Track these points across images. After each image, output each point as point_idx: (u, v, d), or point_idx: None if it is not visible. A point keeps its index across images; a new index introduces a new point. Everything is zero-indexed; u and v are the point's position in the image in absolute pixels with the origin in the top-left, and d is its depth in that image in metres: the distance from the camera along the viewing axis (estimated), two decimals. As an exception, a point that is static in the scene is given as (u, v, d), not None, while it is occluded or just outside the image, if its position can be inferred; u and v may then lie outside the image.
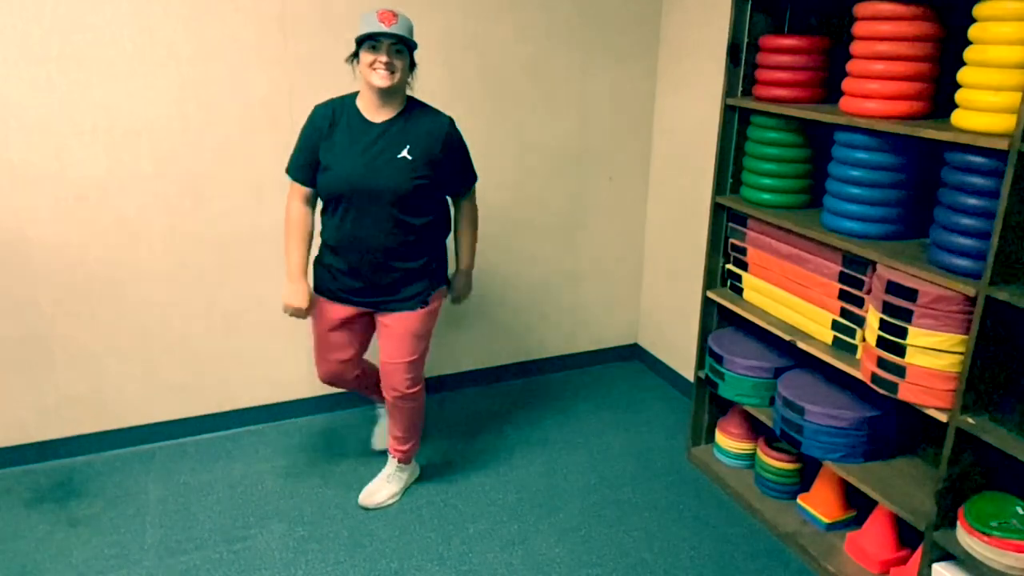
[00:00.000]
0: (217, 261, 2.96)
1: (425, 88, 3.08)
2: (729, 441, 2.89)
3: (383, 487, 2.73)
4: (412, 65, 2.33)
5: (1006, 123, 1.77)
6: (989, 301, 1.81)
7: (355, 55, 2.31)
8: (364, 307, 2.50)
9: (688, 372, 3.43)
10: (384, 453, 2.83)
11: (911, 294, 1.96)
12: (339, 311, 2.51)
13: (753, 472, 2.81)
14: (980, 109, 1.83)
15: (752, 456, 2.85)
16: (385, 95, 2.30)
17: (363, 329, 2.60)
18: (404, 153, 2.31)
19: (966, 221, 1.88)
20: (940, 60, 2.09)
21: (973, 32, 1.86)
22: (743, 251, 2.68)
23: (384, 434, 2.88)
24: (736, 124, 2.64)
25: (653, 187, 3.62)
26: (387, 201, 2.32)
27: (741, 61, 2.56)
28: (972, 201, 1.87)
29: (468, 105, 3.17)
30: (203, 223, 2.91)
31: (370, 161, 2.30)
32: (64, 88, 2.61)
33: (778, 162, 2.52)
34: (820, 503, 2.56)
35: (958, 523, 1.95)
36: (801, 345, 2.41)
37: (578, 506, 2.73)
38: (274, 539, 2.53)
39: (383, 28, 2.19)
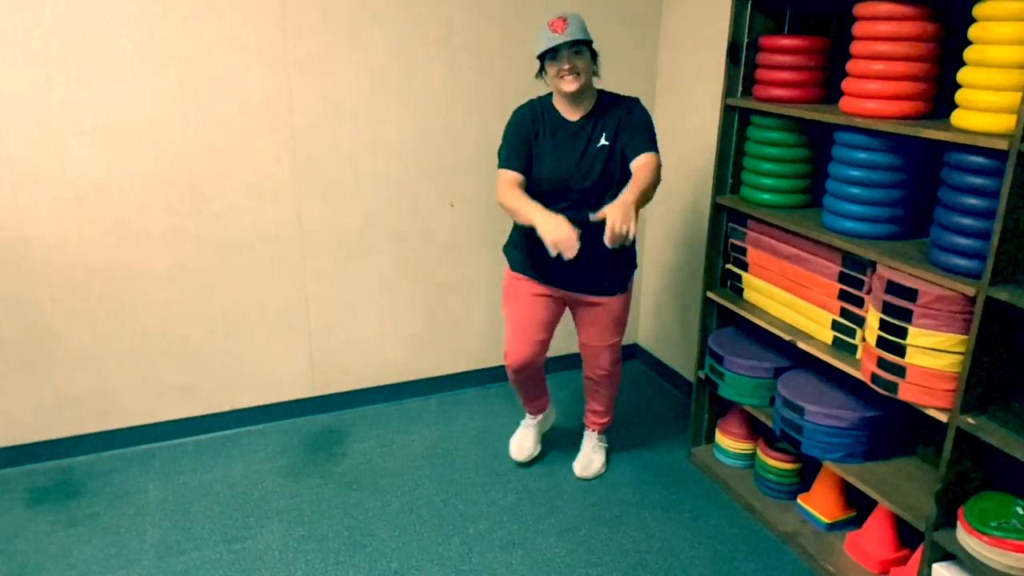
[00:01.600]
0: (217, 261, 2.96)
1: (425, 88, 3.09)
2: (729, 441, 2.89)
3: (595, 457, 2.92)
4: (594, 57, 2.43)
5: (1006, 123, 1.77)
6: (989, 301, 1.81)
7: (541, 69, 2.43)
8: (566, 291, 2.59)
9: (688, 372, 3.43)
10: (523, 465, 2.96)
11: (911, 294, 1.96)
12: (540, 288, 2.59)
13: (753, 472, 2.81)
14: (980, 109, 1.83)
15: (752, 456, 2.85)
16: (575, 97, 2.43)
17: (558, 309, 2.67)
18: (602, 141, 2.44)
19: (966, 221, 1.88)
20: (940, 60, 2.09)
21: (973, 32, 1.86)
22: (743, 251, 2.68)
23: (528, 443, 2.97)
24: (736, 124, 2.64)
25: (653, 187, 3.61)
26: (589, 191, 2.42)
27: (741, 61, 2.56)
28: (972, 201, 1.87)
29: (468, 105, 3.17)
30: (203, 223, 2.91)
31: (573, 156, 2.42)
32: (64, 88, 2.61)
33: (778, 162, 2.52)
34: (820, 503, 2.56)
35: (958, 523, 1.95)
36: (801, 345, 2.41)
37: (578, 506, 2.73)
38: (274, 539, 2.53)
39: (558, 39, 2.30)
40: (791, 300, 2.49)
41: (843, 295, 2.28)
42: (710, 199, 2.75)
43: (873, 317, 2.11)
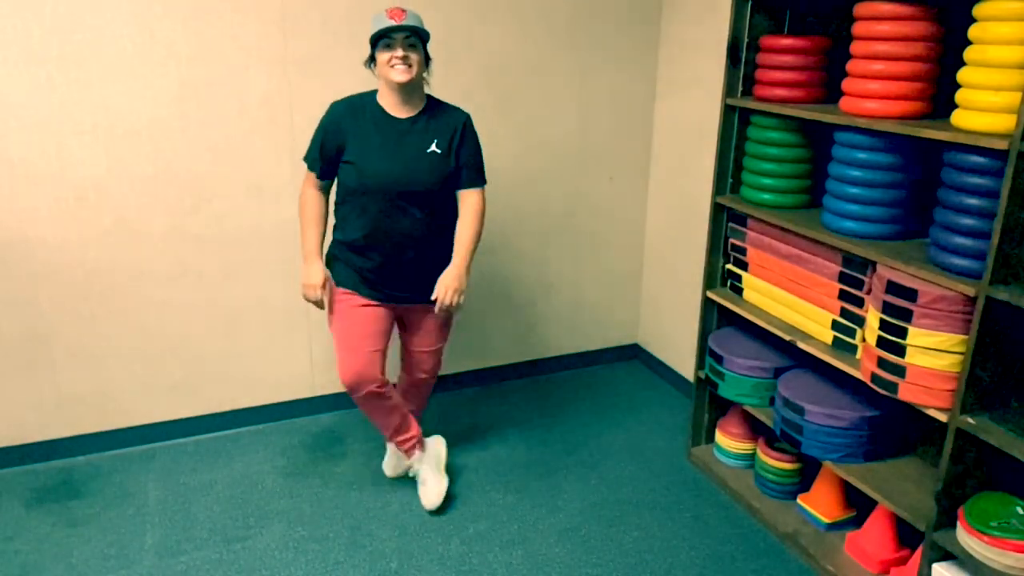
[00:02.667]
0: (217, 261, 2.96)
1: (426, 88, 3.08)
2: (729, 441, 2.89)
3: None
4: (427, 59, 2.38)
5: (1006, 123, 1.77)
6: (989, 301, 1.81)
7: (372, 58, 2.36)
8: (391, 303, 2.51)
9: (688, 372, 3.43)
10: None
11: (911, 294, 1.96)
12: (363, 300, 2.49)
13: (753, 472, 2.81)
14: (980, 109, 1.83)
15: (752, 456, 2.85)
16: (406, 91, 2.35)
17: (388, 320, 2.53)
18: (433, 147, 2.37)
19: (966, 221, 1.88)
20: (940, 60, 2.09)
21: (973, 32, 1.86)
22: (743, 251, 2.68)
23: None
24: (736, 124, 2.64)
25: (653, 187, 3.62)
26: (418, 195, 2.37)
27: (741, 61, 2.56)
28: (972, 201, 1.87)
29: (468, 105, 3.14)
30: (203, 223, 2.91)
31: (403, 157, 2.35)
32: (64, 88, 2.61)
33: (778, 162, 2.52)
34: (820, 503, 2.56)
35: (958, 523, 1.95)
36: (801, 345, 2.41)
37: (578, 506, 2.73)
38: (274, 539, 2.53)
39: (393, 23, 2.24)
40: (791, 300, 2.49)
41: (843, 295, 2.28)
42: (710, 199, 2.75)
43: (873, 317, 2.11)
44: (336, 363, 2.47)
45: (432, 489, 2.67)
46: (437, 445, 2.80)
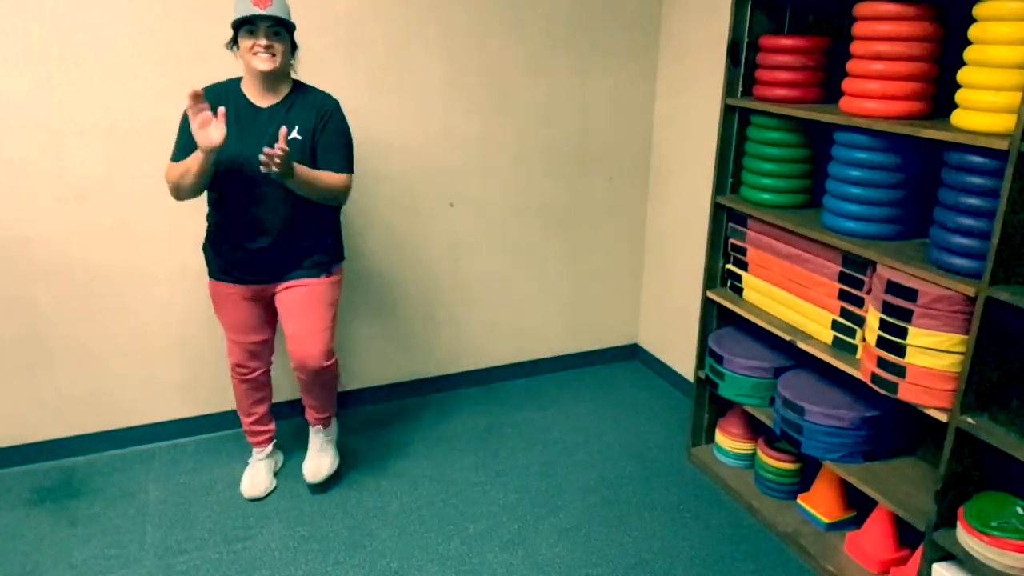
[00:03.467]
0: (217, 261, 2.96)
1: (425, 88, 3.09)
2: (729, 441, 2.89)
3: (323, 459, 2.74)
4: (294, 47, 2.33)
5: (1006, 123, 1.77)
6: (989, 301, 1.81)
7: (234, 41, 2.31)
8: (265, 283, 2.48)
9: (688, 372, 3.43)
10: (259, 499, 2.74)
11: (911, 294, 1.96)
12: (240, 290, 2.50)
13: (753, 472, 2.81)
14: (980, 109, 1.83)
15: (752, 456, 2.85)
16: (269, 79, 2.32)
17: (267, 307, 2.56)
18: (293, 134, 2.33)
19: (966, 221, 1.88)
20: (940, 60, 2.09)
21: (973, 32, 1.86)
22: (743, 251, 2.68)
23: (260, 477, 2.77)
24: (736, 124, 2.64)
25: (653, 187, 3.62)
26: (277, 183, 2.30)
27: (741, 61, 2.56)
28: (972, 201, 1.87)
29: (468, 105, 3.17)
30: (203, 223, 2.90)
31: (259, 143, 2.27)
32: (64, 88, 2.61)
33: (778, 162, 2.52)
34: (820, 503, 2.56)
35: (958, 523, 1.95)
36: (801, 345, 2.41)
37: (578, 506, 2.73)
38: (274, 539, 2.53)
39: (257, 11, 2.18)
40: (791, 300, 2.49)
41: (843, 295, 2.28)
42: (710, 199, 2.75)
43: (873, 317, 2.11)
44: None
45: (261, 479, 2.75)
46: (279, 455, 2.92)
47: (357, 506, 2.71)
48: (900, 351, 2.01)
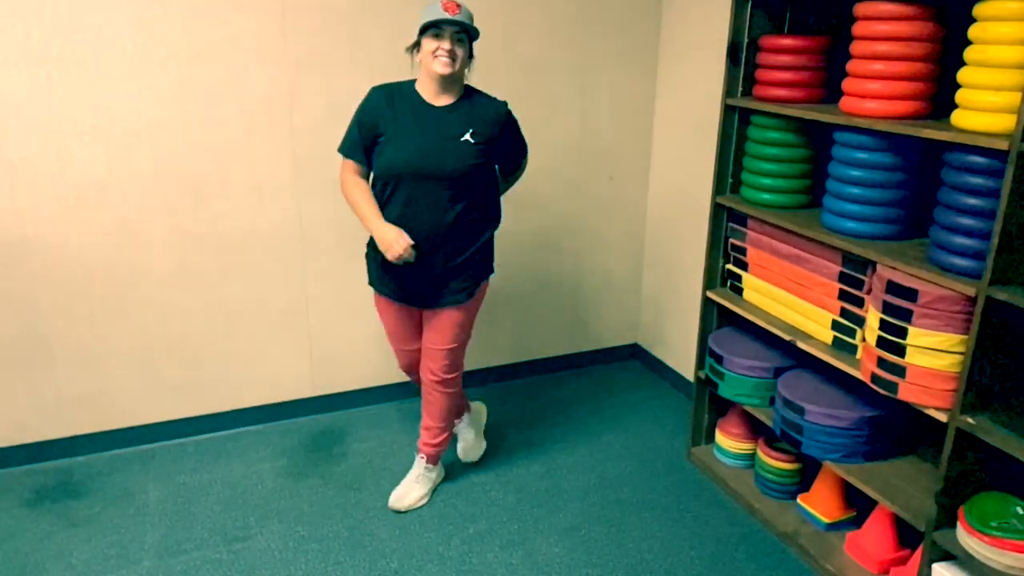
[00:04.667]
0: (217, 261, 2.96)
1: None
2: (729, 441, 2.89)
3: (412, 489, 2.72)
4: (471, 56, 2.38)
5: (1006, 123, 1.77)
6: (989, 301, 1.81)
7: (416, 44, 2.35)
8: (413, 305, 2.57)
9: (688, 372, 3.43)
10: (468, 464, 2.95)
11: (911, 294, 1.96)
12: (393, 303, 2.59)
13: (753, 472, 2.81)
14: (980, 109, 1.83)
15: (752, 456, 2.85)
16: (445, 83, 2.35)
17: (417, 316, 2.65)
18: (467, 136, 2.37)
19: (966, 221, 1.88)
20: (940, 60, 2.09)
21: (973, 32, 1.86)
22: (743, 251, 2.68)
23: (467, 445, 2.97)
24: (736, 124, 2.64)
25: (653, 187, 3.62)
26: (446, 183, 2.35)
27: (741, 61, 2.56)
28: (972, 201, 1.87)
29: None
30: (203, 223, 2.91)
31: (435, 142, 2.34)
32: (64, 88, 2.61)
33: (778, 162, 2.52)
34: (820, 503, 2.56)
35: (958, 523, 1.95)
36: (801, 345, 2.41)
37: (578, 506, 2.73)
38: (274, 539, 2.53)
39: (447, 16, 2.24)
40: (791, 300, 2.49)
41: (843, 295, 2.28)
42: (710, 199, 2.75)
43: (873, 317, 2.11)
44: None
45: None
46: (479, 408, 3.07)
47: (357, 506, 2.71)
48: (900, 351, 2.01)
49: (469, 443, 2.96)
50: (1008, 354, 1.91)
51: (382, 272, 2.52)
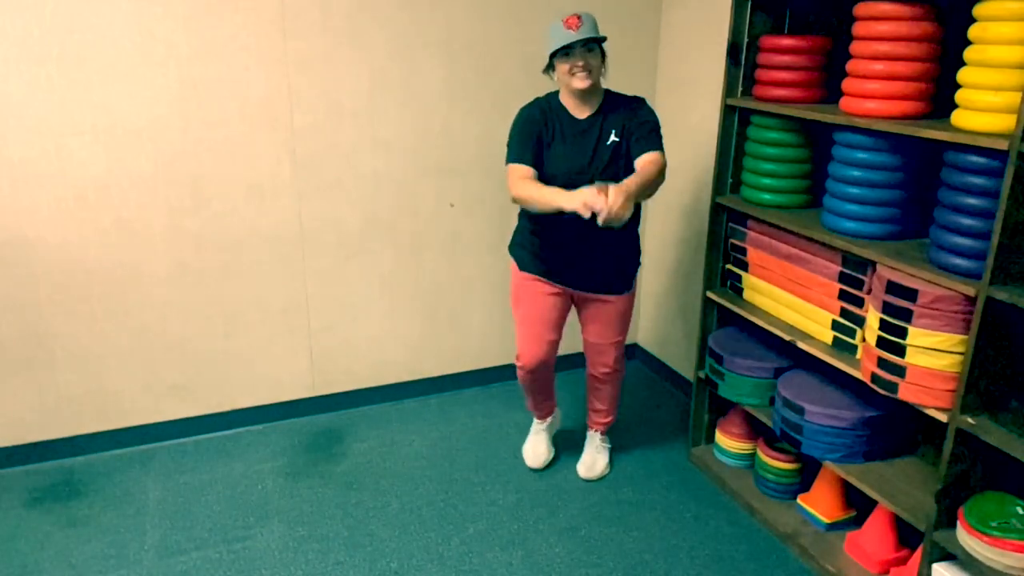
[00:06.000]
0: (217, 261, 2.96)
1: (425, 88, 3.09)
2: (729, 441, 2.88)
3: (599, 458, 2.93)
4: (603, 56, 2.42)
5: (1006, 123, 1.77)
6: (989, 301, 1.81)
7: (550, 66, 2.42)
8: (575, 290, 2.59)
9: (688, 372, 3.43)
10: (541, 469, 2.96)
11: (911, 294, 1.96)
12: (549, 287, 2.59)
13: (753, 472, 2.81)
14: (980, 109, 1.83)
15: (752, 456, 2.85)
16: (586, 95, 2.43)
17: (566, 307, 2.67)
18: (613, 137, 2.42)
19: (966, 221, 1.88)
20: (940, 60, 2.09)
21: (973, 32, 1.86)
22: (743, 251, 2.68)
23: (542, 448, 2.98)
24: (736, 124, 2.64)
25: (653, 187, 3.62)
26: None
27: (741, 61, 2.56)
28: (972, 201, 1.87)
29: (468, 105, 3.17)
30: (203, 223, 2.91)
31: (584, 153, 2.41)
32: (64, 88, 2.61)
33: (778, 162, 2.52)
34: (820, 503, 2.56)
35: (958, 523, 1.95)
36: (801, 345, 2.41)
37: (578, 506, 2.73)
38: (274, 539, 2.53)
39: (573, 35, 2.29)
40: (791, 300, 2.49)
41: (843, 295, 2.28)
42: (710, 199, 2.75)
43: (873, 317, 2.11)
44: (516, 345, 2.73)
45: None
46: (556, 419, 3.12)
47: (357, 506, 2.71)
48: (900, 351, 2.01)
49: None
50: (1008, 354, 1.91)
51: (544, 254, 2.53)
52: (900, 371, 2.02)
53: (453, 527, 2.61)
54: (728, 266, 2.80)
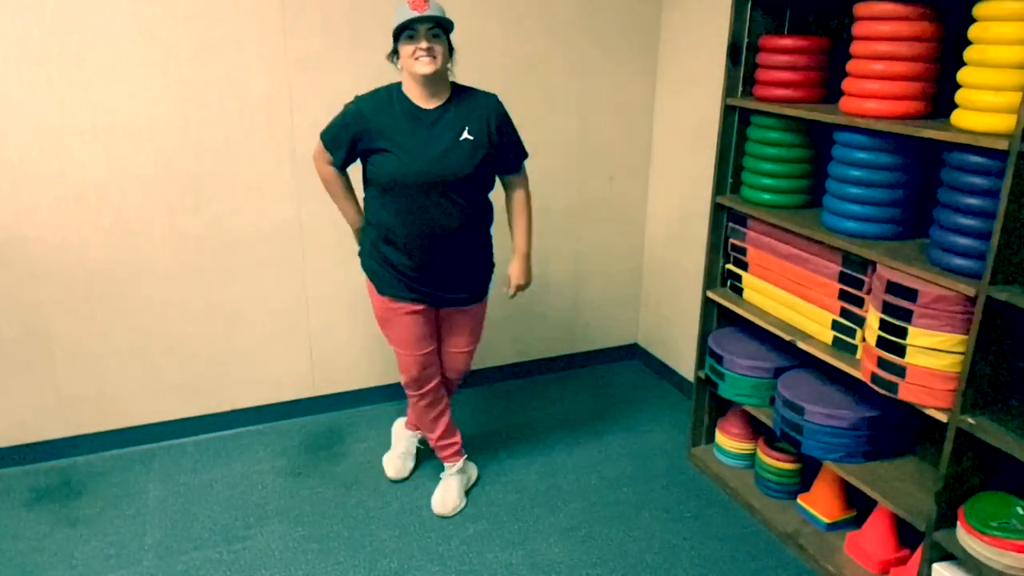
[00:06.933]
0: (217, 261, 2.96)
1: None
2: (729, 441, 2.88)
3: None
4: (451, 49, 2.34)
5: (1006, 123, 1.77)
6: (989, 301, 1.81)
7: (395, 51, 2.31)
8: (430, 305, 2.49)
9: (688, 372, 3.43)
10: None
11: (911, 294, 1.96)
12: (411, 307, 2.47)
13: (753, 472, 2.81)
14: (980, 109, 1.83)
15: (752, 456, 2.85)
16: (431, 82, 2.30)
17: (432, 317, 2.56)
18: (465, 135, 2.33)
19: (966, 221, 1.88)
20: (940, 60, 2.09)
21: (973, 32, 1.86)
22: (743, 251, 2.68)
23: (452, 495, 2.72)
24: (736, 124, 2.64)
25: (653, 187, 3.62)
26: (454, 184, 2.32)
27: (741, 61, 2.56)
28: (972, 201, 1.87)
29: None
30: (203, 223, 2.91)
31: (434, 147, 2.29)
32: (64, 88, 2.61)
33: (778, 162, 2.52)
34: (820, 503, 2.56)
35: (958, 523, 1.95)
36: (801, 345, 2.41)
37: (578, 506, 2.73)
38: (274, 539, 2.53)
39: (416, 14, 2.19)
40: (791, 300, 2.49)
41: (843, 295, 2.28)
42: (710, 199, 2.75)
43: (873, 317, 2.11)
44: (397, 365, 2.60)
45: (450, 497, 2.69)
46: (471, 470, 2.87)
47: (357, 506, 2.71)
48: (900, 351, 2.01)
49: (452, 494, 2.70)
50: (1008, 354, 1.91)
51: (399, 276, 2.42)
52: (900, 371, 2.02)
53: (453, 527, 2.61)
54: (728, 266, 2.80)
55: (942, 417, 1.97)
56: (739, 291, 2.75)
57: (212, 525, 2.60)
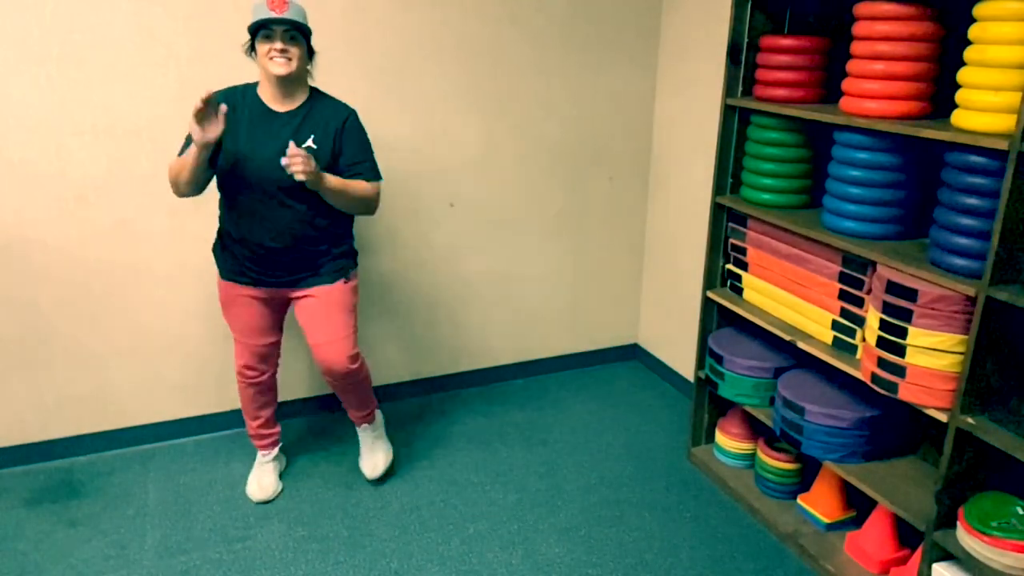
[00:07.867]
0: (217, 261, 2.96)
1: (425, 88, 3.09)
2: (729, 441, 2.89)
3: (377, 454, 2.81)
4: (311, 52, 2.31)
5: (1006, 123, 1.77)
6: (989, 301, 1.81)
7: (252, 47, 2.29)
8: (280, 287, 2.45)
9: (688, 372, 3.43)
10: (266, 502, 2.72)
11: (911, 294, 1.96)
12: (251, 291, 2.47)
13: (753, 472, 2.81)
14: (980, 109, 1.83)
15: (752, 456, 2.85)
16: (286, 84, 2.29)
17: (277, 312, 2.56)
18: (309, 142, 2.32)
19: (966, 221, 1.88)
20: (940, 60, 2.10)
21: (973, 32, 1.86)
22: (743, 251, 2.68)
23: (267, 480, 2.76)
24: (736, 124, 2.64)
25: (653, 187, 3.62)
26: (293, 190, 2.29)
27: (741, 61, 2.56)
28: (972, 201, 1.87)
29: (468, 105, 3.17)
30: (203, 223, 2.90)
31: (277, 150, 2.24)
32: (64, 88, 2.61)
33: (778, 162, 2.52)
34: (820, 503, 2.56)
35: (958, 523, 1.95)
36: (801, 345, 2.41)
37: (578, 506, 2.73)
38: (274, 539, 2.53)
39: (273, 15, 2.17)
40: (791, 300, 2.49)
41: (843, 295, 2.28)
42: (710, 199, 2.75)
43: (873, 317, 2.11)
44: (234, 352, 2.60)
45: (268, 483, 2.75)
46: (282, 458, 2.92)
47: (357, 506, 2.71)
48: (900, 351, 2.02)
49: (268, 479, 2.73)
50: (1008, 354, 1.91)
51: (239, 259, 2.40)
52: (900, 371, 2.02)
53: (453, 527, 2.61)
54: (728, 266, 2.80)
55: (942, 417, 1.97)
56: (739, 291, 2.75)
57: (212, 525, 2.60)
